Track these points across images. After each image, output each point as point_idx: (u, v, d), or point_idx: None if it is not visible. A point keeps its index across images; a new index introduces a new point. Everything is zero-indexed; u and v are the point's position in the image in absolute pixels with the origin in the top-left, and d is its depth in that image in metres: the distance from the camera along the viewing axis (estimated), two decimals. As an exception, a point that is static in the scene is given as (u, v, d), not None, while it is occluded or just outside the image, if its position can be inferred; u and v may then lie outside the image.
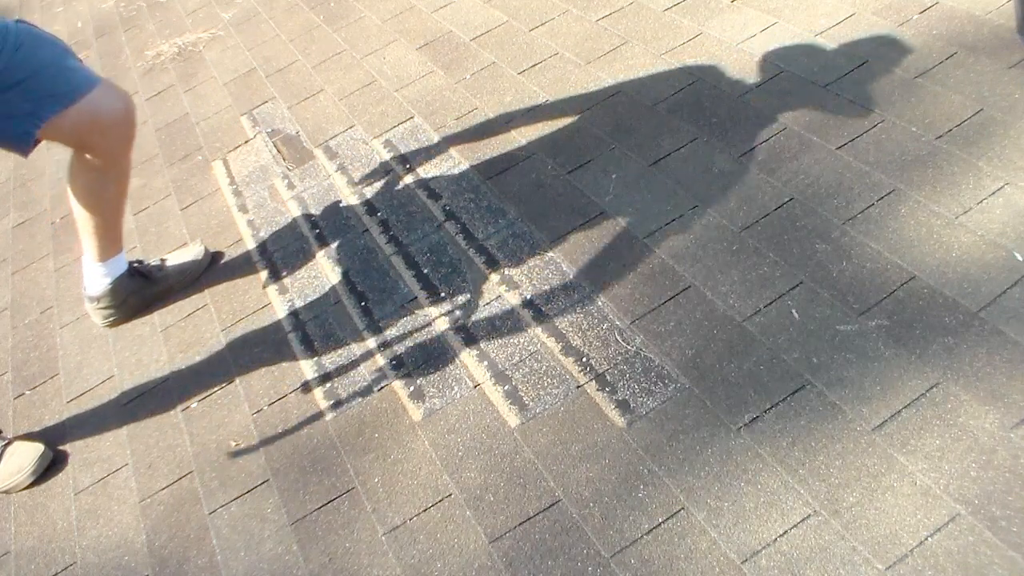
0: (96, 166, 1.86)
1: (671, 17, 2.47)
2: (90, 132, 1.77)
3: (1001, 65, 1.92)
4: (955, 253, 1.58)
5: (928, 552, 1.22)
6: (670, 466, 1.44)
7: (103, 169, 1.87)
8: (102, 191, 1.92)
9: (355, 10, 3.17)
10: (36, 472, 1.84)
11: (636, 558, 1.34)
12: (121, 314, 2.15)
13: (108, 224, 2.00)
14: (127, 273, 2.11)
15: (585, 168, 2.07)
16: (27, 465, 1.84)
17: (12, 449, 1.86)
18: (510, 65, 2.53)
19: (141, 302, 2.16)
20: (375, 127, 2.50)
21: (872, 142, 1.86)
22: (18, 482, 1.84)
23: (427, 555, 1.45)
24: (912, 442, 1.34)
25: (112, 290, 2.09)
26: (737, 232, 1.78)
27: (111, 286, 2.09)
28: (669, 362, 1.59)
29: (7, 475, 1.83)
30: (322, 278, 2.07)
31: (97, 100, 1.74)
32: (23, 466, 1.84)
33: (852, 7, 2.24)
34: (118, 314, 2.15)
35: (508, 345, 1.74)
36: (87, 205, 1.94)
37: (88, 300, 2.13)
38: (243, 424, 1.80)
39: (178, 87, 3.16)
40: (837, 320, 1.55)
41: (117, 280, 2.09)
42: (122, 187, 1.95)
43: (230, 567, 1.55)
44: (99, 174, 1.88)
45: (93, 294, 2.11)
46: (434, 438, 1.62)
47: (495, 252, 1.95)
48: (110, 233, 2.03)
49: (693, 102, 2.14)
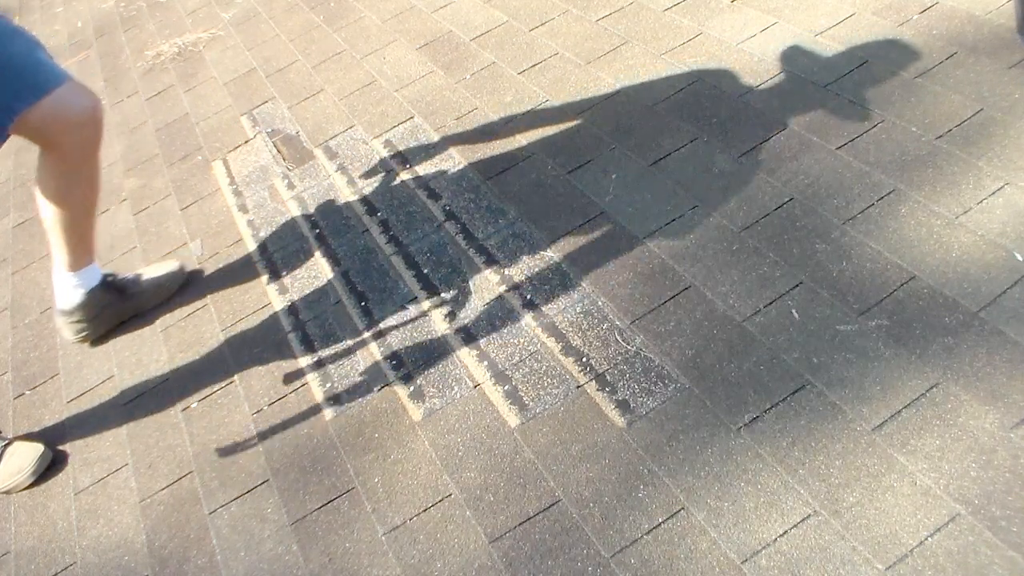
0: (63, 168, 1.83)
1: (671, 17, 2.47)
2: (58, 128, 1.75)
3: (1001, 65, 1.92)
4: (955, 253, 1.58)
5: (928, 552, 1.22)
6: (670, 466, 1.44)
7: (70, 171, 1.83)
8: (69, 193, 1.87)
9: (355, 10, 3.17)
10: (36, 472, 1.85)
11: (636, 558, 1.34)
12: (94, 329, 2.08)
13: (78, 231, 1.94)
14: (100, 285, 2.04)
15: (585, 168, 2.07)
16: (27, 465, 1.84)
17: (12, 449, 1.86)
18: (510, 65, 2.53)
19: (115, 316, 2.10)
20: (375, 127, 2.50)
21: (872, 142, 1.86)
22: (18, 482, 1.84)
23: (427, 555, 1.45)
24: (912, 442, 1.34)
25: (85, 303, 2.02)
26: (737, 232, 1.78)
27: (84, 298, 2.01)
28: (669, 362, 1.59)
29: (7, 475, 1.84)
30: (322, 278, 2.07)
31: (66, 96, 1.72)
32: (23, 466, 1.84)
33: (852, 7, 2.24)
34: (91, 329, 2.07)
35: (508, 345, 1.74)
36: (56, 209, 1.88)
37: (59, 314, 2.05)
38: (243, 424, 1.80)
39: (178, 87, 3.16)
40: (837, 320, 1.55)
41: (90, 292, 2.02)
42: (91, 191, 1.90)
43: (230, 567, 1.55)
44: (67, 176, 1.84)
45: (65, 307, 2.03)
46: (434, 438, 1.62)
47: (495, 252, 1.95)
48: (82, 241, 1.96)
49: (693, 102, 2.14)
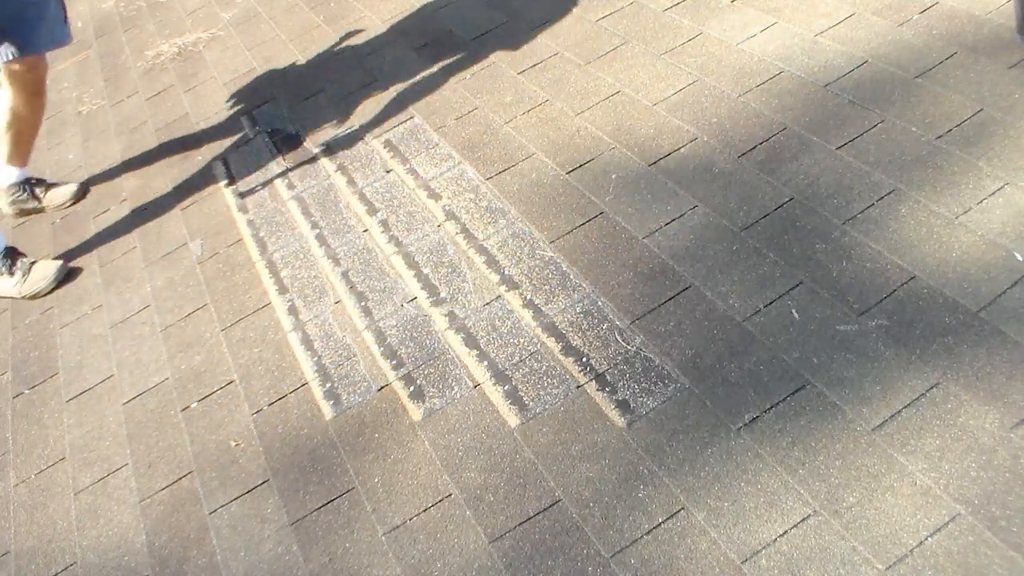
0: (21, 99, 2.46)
1: (671, 17, 2.47)
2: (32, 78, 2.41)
3: (1001, 65, 1.92)
4: (955, 253, 1.58)
5: (928, 552, 1.22)
6: (670, 466, 1.44)
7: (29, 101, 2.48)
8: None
9: (355, 10, 3.17)
10: (56, 279, 2.37)
11: (636, 558, 1.34)
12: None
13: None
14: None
15: (585, 168, 2.07)
16: (50, 274, 2.36)
17: (37, 266, 2.38)
18: (510, 65, 2.53)
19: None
20: (375, 127, 2.50)
21: (872, 142, 1.86)
22: (41, 288, 2.35)
23: (427, 555, 1.45)
24: (912, 442, 1.34)
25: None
26: (737, 232, 1.78)
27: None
28: (669, 362, 1.59)
29: (32, 283, 2.35)
30: (322, 278, 2.07)
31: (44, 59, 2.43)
32: (46, 275, 2.36)
33: (852, 7, 2.24)
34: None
35: (508, 345, 1.74)
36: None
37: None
38: (243, 424, 1.80)
39: (178, 87, 3.16)
40: (837, 320, 1.55)
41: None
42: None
43: (230, 567, 1.55)
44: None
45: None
46: (434, 438, 1.62)
47: (495, 252, 1.95)
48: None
49: (693, 102, 2.14)
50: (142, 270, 2.33)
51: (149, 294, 2.24)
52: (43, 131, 3.20)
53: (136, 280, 2.31)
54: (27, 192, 2.68)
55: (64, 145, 3.10)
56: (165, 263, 2.32)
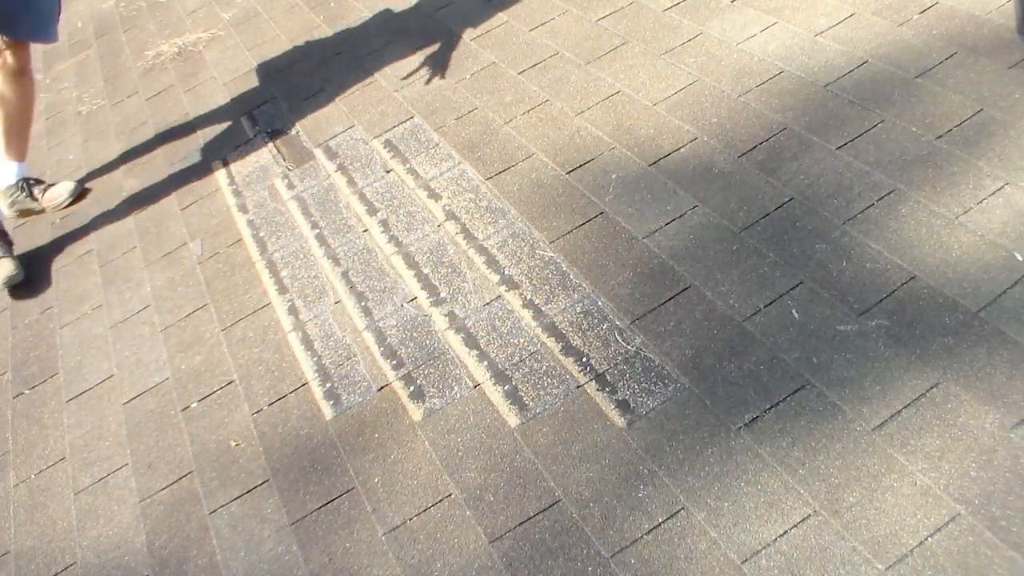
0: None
1: (671, 17, 2.47)
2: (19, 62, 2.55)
3: (1001, 65, 1.92)
4: (955, 253, 1.58)
5: (928, 552, 1.22)
6: (670, 466, 1.44)
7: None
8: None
9: (355, 10, 3.17)
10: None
11: (636, 558, 1.34)
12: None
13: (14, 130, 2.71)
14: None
15: (585, 168, 2.07)
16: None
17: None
18: (510, 65, 2.53)
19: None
20: (375, 127, 2.50)
21: (872, 142, 1.86)
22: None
23: (427, 555, 1.45)
24: (912, 442, 1.34)
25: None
26: (737, 232, 1.78)
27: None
28: (669, 362, 1.59)
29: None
30: (322, 278, 2.07)
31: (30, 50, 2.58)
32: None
33: (852, 7, 2.24)
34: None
35: (508, 345, 1.74)
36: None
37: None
38: (243, 424, 1.80)
39: (178, 87, 3.16)
40: (837, 320, 1.55)
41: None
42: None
43: (230, 567, 1.55)
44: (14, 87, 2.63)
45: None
46: (434, 438, 1.62)
47: (495, 252, 1.95)
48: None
49: (693, 102, 2.14)
50: (142, 270, 2.33)
51: (149, 294, 2.24)
52: (43, 131, 3.21)
53: (136, 280, 2.31)
54: (25, 192, 2.71)
55: (64, 145, 3.10)
56: (165, 263, 2.33)
